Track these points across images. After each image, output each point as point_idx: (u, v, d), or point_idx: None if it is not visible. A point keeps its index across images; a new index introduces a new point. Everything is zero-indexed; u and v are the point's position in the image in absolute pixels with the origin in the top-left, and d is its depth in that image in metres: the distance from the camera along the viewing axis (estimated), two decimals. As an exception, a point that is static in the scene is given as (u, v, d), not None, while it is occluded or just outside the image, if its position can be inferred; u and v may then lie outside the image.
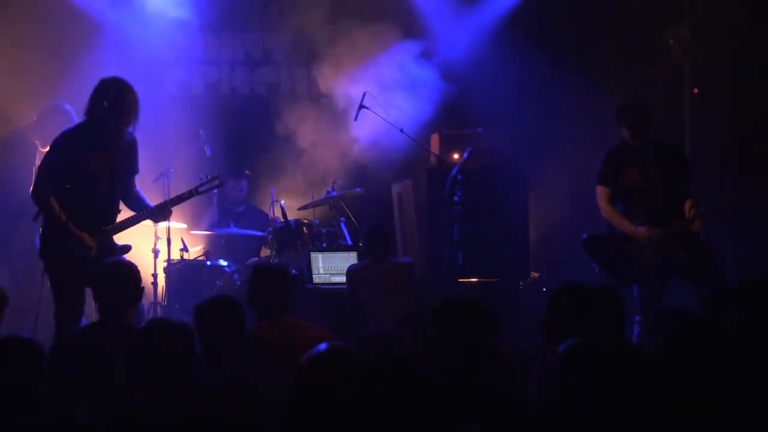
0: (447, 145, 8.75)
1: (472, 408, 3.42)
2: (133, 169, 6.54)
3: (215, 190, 7.07)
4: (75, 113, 7.45)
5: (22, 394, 3.44)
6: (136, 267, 5.04)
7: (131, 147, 6.46)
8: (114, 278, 4.86)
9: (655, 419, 3.10)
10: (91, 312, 6.63)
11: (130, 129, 6.40)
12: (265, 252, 8.85)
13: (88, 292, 6.21)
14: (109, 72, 6.58)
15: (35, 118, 8.25)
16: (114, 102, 6.24)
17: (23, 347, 3.57)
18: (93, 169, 6.29)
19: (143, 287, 5.03)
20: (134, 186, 6.57)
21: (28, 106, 8.77)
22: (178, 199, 6.78)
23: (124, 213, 6.58)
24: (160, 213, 6.58)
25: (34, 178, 6.67)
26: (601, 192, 7.07)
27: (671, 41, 9.45)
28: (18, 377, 3.47)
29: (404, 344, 4.41)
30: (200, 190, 6.83)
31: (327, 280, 8.12)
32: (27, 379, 3.48)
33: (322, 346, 3.11)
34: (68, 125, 6.71)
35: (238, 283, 8.18)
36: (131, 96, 6.31)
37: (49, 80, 8.90)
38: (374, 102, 8.54)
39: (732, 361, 3.53)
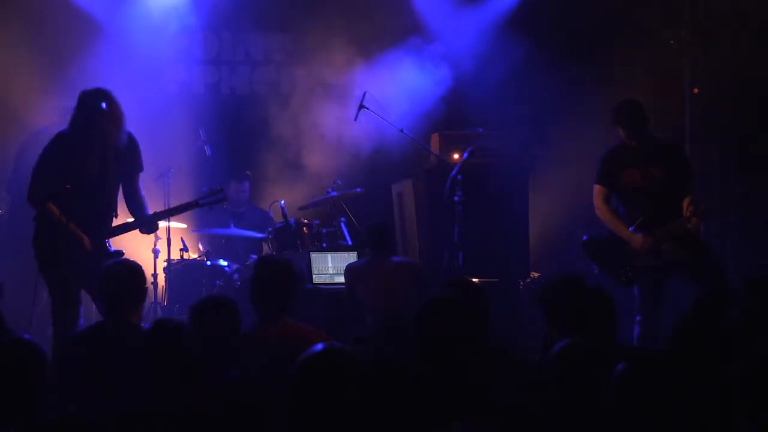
0: (447, 145, 8.75)
1: (468, 407, 3.43)
2: (135, 167, 6.42)
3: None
4: None
5: (24, 396, 3.44)
6: (141, 267, 5.04)
7: (130, 146, 6.36)
8: (119, 278, 4.86)
9: (650, 419, 3.11)
10: (89, 312, 6.66)
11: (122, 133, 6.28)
12: (266, 251, 8.84)
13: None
14: (110, 72, 6.54)
15: (55, 119, 7.98)
16: (108, 109, 6.15)
17: (25, 349, 3.57)
18: (86, 171, 6.20)
19: (147, 287, 5.03)
20: (138, 187, 6.46)
21: (29, 107, 8.78)
22: (171, 212, 6.73)
23: (124, 216, 6.53)
24: (146, 224, 6.46)
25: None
26: (597, 191, 7.07)
27: (671, 41, 9.46)
28: (20, 379, 3.47)
29: (394, 344, 4.40)
30: (201, 202, 6.70)
31: (327, 280, 8.12)
32: (29, 381, 3.48)
33: (318, 346, 3.11)
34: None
35: (238, 283, 8.19)
36: (118, 108, 6.23)
37: (50, 81, 8.91)
38: (374, 102, 8.54)
39: (730, 361, 3.53)
